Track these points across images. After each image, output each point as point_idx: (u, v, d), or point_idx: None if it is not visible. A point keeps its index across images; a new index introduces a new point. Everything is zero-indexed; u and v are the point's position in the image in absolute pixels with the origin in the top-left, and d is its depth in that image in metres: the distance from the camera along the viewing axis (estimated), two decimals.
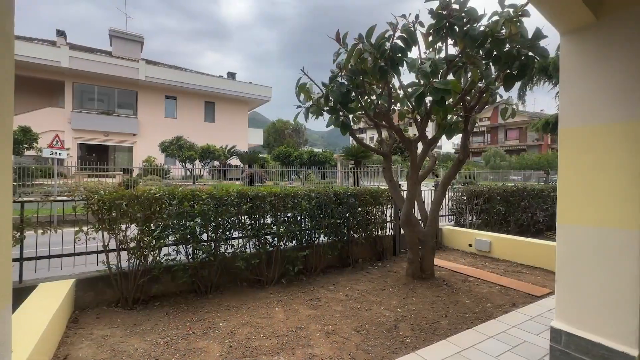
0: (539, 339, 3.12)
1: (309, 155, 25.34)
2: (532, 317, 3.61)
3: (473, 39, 3.55)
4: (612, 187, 1.79)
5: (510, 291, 4.46)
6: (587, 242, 1.86)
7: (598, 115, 1.86)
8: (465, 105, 4.54)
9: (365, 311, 3.76)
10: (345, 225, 5.44)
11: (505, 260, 6.03)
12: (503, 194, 7.87)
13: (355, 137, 4.96)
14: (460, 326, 3.41)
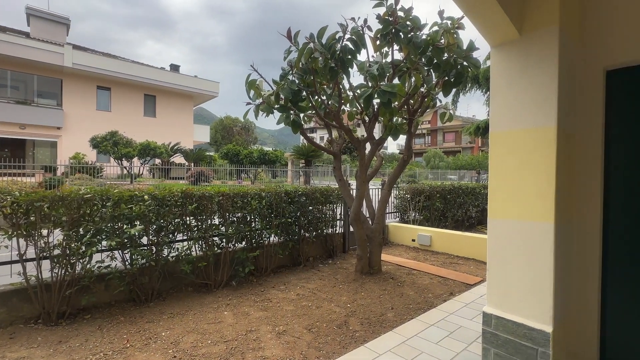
0: (473, 323, 3.44)
1: (259, 154, 24.87)
2: (467, 304, 3.96)
3: (416, 46, 3.77)
4: (531, 185, 2.03)
5: (448, 281, 4.84)
6: (512, 235, 2.09)
7: (520, 121, 2.10)
8: (409, 108, 4.81)
9: (317, 309, 3.79)
10: (296, 224, 5.44)
11: (444, 252, 6.53)
12: (442, 192, 8.52)
13: (306, 136, 4.98)
14: (405, 317, 3.61)
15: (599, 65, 2.24)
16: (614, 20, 2.17)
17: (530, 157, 2.04)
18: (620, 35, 2.15)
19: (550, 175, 1.95)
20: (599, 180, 2.25)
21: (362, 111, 4.69)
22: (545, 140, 1.97)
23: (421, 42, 3.81)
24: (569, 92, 2.15)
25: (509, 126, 2.17)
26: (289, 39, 3.90)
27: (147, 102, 26.53)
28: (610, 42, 2.19)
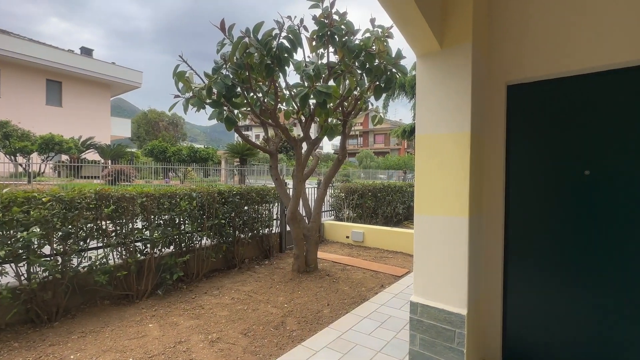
0: (401, 312, 3.71)
1: (189, 152, 23.30)
2: (396, 295, 4.26)
3: (350, 50, 3.92)
4: (451, 183, 2.27)
5: (379, 274, 5.14)
6: (435, 229, 2.31)
7: (441, 125, 2.33)
8: (344, 110, 4.98)
9: (253, 312, 3.69)
10: (230, 225, 5.22)
11: (375, 247, 6.92)
12: (373, 190, 9.02)
13: (241, 134, 4.81)
14: (341, 312, 3.73)
15: (502, 79, 2.60)
16: (511, 44, 2.54)
17: (450, 159, 2.27)
18: (516, 56, 2.52)
19: (465, 175, 2.19)
20: (502, 180, 2.61)
21: (298, 111, 4.70)
22: (461, 144, 2.22)
23: (355, 46, 3.97)
24: (480, 101, 2.45)
25: (432, 130, 2.38)
26: (222, 31, 3.72)
27: (50, 89, 22.80)
28: (509, 61, 2.55)
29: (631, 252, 2.14)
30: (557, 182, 2.42)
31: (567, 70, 2.32)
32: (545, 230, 2.46)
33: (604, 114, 2.25)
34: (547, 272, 2.45)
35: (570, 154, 2.37)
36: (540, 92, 2.49)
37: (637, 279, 2.12)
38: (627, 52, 2.11)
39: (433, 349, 2.25)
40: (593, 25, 2.21)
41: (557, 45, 2.35)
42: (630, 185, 2.15)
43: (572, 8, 2.29)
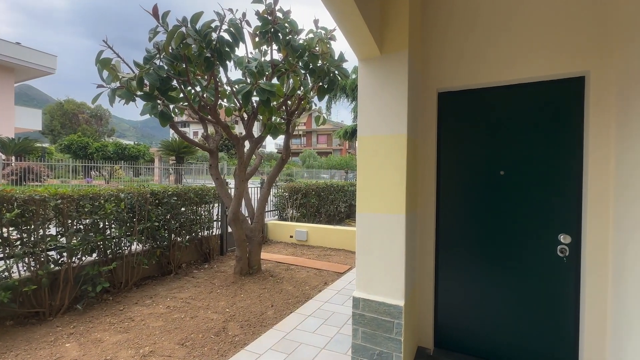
0: (344, 307, 3.81)
1: (116, 148, 21.09)
2: (339, 291, 4.37)
3: (294, 49, 3.91)
4: (389, 182, 2.39)
5: (323, 272, 5.22)
6: (376, 226, 2.42)
7: (381, 127, 2.44)
8: (288, 109, 4.96)
9: (191, 320, 3.47)
10: (165, 228, 4.85)
11: (319, 246, 7.02)
12: (316, 189, 9.15)
13: (178, 130, 4.49)
14: (285, 312, 3.71)
15: (433, 87, 2.83)
16: (440, 56, 2.78)
17: (388, 159, 2.40)
18: (444, 67, 2.77)
19: (402, 175, 2.34)
20: (434, 179, 2.84)
21: (240, 108, 4.55)
22: (399, 145, 2.35)
23: (299, 46, 3.97)
24: (415, 106, 2.63)
25: (372, 132, 2.48)
26: (155, 18, 3.43)
27: None
28: (439, 70, 2.79)
29: (534, 239, 2.50)
30: (479, 181, 2.71)
31: (484, 82, 2.62)
32: (468, 225, 2.74)
33: (514, 122, 2.59)
34: (469, 262, 2.73)
35: (488, 156, 2.67)
36: (464, 100, 2.77)
37: (536, 265, 2.48)
38: (523, 71, 2.46)
39: (374, 341, 2.35)
40: (500, 49, 2.54)
41: (475, 61, 2.64)
42: (534, 184, 2.51)
43: (485, 35, 2.60)
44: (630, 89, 1.96)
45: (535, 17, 2.46)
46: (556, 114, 2.46)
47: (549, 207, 2.47)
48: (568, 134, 2.42)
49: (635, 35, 1.93)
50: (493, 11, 2.61)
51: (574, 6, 2.34)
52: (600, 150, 2.27)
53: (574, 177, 2.40)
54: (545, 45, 2.42)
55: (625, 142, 2.03)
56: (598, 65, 2.28)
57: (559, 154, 2.45)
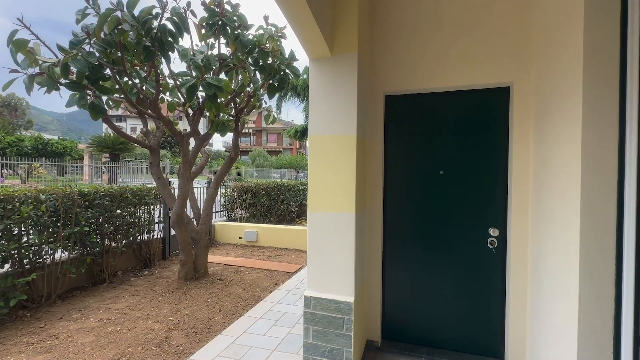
0: (295, 307, 3.80)
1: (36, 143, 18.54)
2: (290, 291, 4.35)
3: (244, 45, 3.79)
4: (340, 182, 2.44)
5: (273, 273, 5.15)
6: (327, 225, 2.44)
7: (332, 127, 2.48)
8: (236, 106, 4.80)
9: (128, 332, 3.18)
10: (97, 233, 4.39)
11: (269, 246, 6.92)
12: (267, 189, 9.00)
13: (112, 125, 4.09)
14: (234, 316, 3.58)
15: (380, 89, 2.95)
16: (386, 60, 2.91)
17: (339, 159, 2.44)
18: (390, 71, 2.90)
19: (352, 174, 2.39)
20: (381, 178, 2.96)
21: (185, 103, 4.29)
22: (349, 145, 2.41)
23: (248, 41, 3.85)
24: (364, 107, 2.71)
25: (323, 131, 2.51)
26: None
27: None
28: (385, 74, 2.92)
29: (469, 233, 2.74)
30: (421, 180, 2.89)
31: (426, 87, 2.80)
32: (411, 221, 2.91)
33: (452, 125, 2.80)
34: (413, 257, 2.90)
35: (430, 157, 2.86)
36: (408, 104, 2.93)
37: (470, 256, 2.73)
38: (460, 79, 2.69)
39: (325, 338, 2.38)
40: (438, 59, 2.74)
41: (416, 68, 2.81)
42: (469, 182, 2.75)
43: (424, 46, 2.78)
44: (544, 100, 2.24)
45: (469, 35, 2.69)
46: (487, 119, 2.72)
47: (482, 204, 2.72)
48: (497, 137, 2.69)
49: (541, 57, 2.21)
50: (432, 25, 2.80)
51: (501, 29, 2.61)
52: (522, 152, 2.56)
53: (501, 177, 2.68)
54: (478, 59, 2.66)
55: (540, 146, 2.31)
56: (519, 78, 2.56)
57: (490, 156, 2.71)
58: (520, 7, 2.57)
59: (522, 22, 2.56)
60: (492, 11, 2.64)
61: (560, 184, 2.00)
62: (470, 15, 2.70)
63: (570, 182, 1.87)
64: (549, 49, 2.19)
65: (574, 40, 1.85)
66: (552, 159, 2.13)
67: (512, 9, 2.59)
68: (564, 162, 1.94)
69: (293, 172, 28.08)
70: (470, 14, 2.70)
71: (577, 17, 1.82)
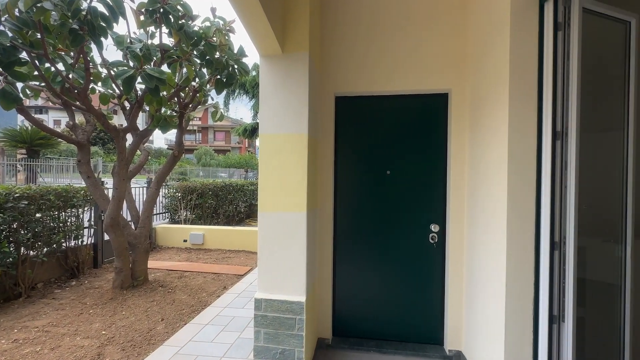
0: (245, 310, 3.69)
1: None
2: (239, 294, 4.21)
3: (189, 36, 3.57)
4: (291, 181, 2.42)
5: (221, 276, 4.95)
6: (278, 225, 2.41)
7: (283, 126, 2.45)
8: (181, 101, 4.51)
9: (52, 351, 2.81)
10: (11, 240, 3.81)
11: (217, 249, 6.63)
12: (214, 189, 8.62)
13: (30, 116, 3.57)
14: (178, 324, 3.36)
15: (331, 90, 2.99)
16: (337, 62, 2.96)
17: (290, 158, 2.42)
18: (340, 72, 2.96)
19: (304, 174, 2.39)
20: (332, 177, 3.01)
21: (121, 95, 3.92)
22: (300, 144, 2.40)
23: (194, 33, 3.64)
24: (315, 106, 2.73)
25: (274, 130, 2.46)
26: None
27: None
28: (336, 75, 2.97)
29: (413, 229, 2.91)
30: (370, 179, 2.99)
31: (374, 90, 2.91)
32: (361, 219, 3.00)
33: (398, 127, 2.95)
34: (362, 253, 3.00)
35: (377, 157, 2.98)
36: (357, 105, 3.01)
37: (414, 251, 2.90)
38: (405, 84, 2.84)
39: (276, 340, 2.34)
40: (384, 65, 2.87)
41: (364, 71, 2.91)
42: (413, 182, 2.91)
43: (368, 52, 2.89)
44: (477, 107, 2.47)
45: (408, 43, 2.86)
46: (429, 122, 2.91)
47: (424, 201, 2.91)
48: (438, 140, 2.89)
49: (476, 69, 2.44)
50: (372, 31, 2.91)
51: (441, 40, 2.81)
52: (458, 154, 2.79)
53: (441, 176, 2.88)
54: (422, 66, 2.84)
55: (474, 149, 2.54)
56: (457, 85, 2.79)
57: (431, 157, 2.90)
58: (458, 23, 2.79)
59: (460, 37, 2.79)
60: (431, 25, 2.83)
61: (490, 183, 2.21)
62: (408, 24, 2.86)
63: (499, 182, 2.07)
64: (482, 62, 2.41)
65: (502, 56, 2.06)
66: (484, 161, 2.35)
67: (450, 24, 2.80)
68: (494, 164, 2.16)
69: (242, 172, 27.31)
70: (408, 24, 2.86)
71: (504, 35, 2.02)
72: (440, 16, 2.82)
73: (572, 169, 1.84)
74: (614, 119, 2.09)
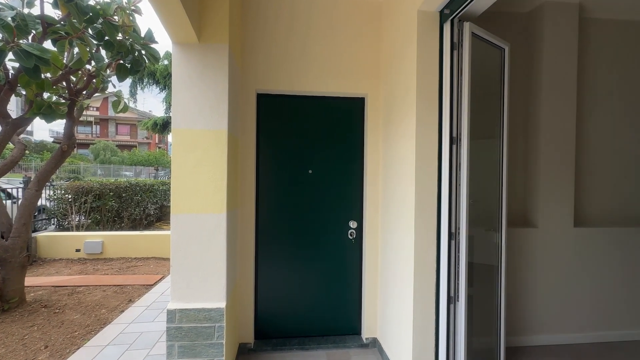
0: (155, 324, 3.33)
1: None
2: (148, 306, 3.78)
3: (81, 10, 3.05)
4: (209, 180, 2.26)
5: (126, 288, 4.38)
6: (194, 228, 2.23)
7: (200, 121, 2.27)
8: (71, 86, 3.83)
9: None
10: None
11: (120, 258, 5.85)
12: (116, 189, 7.59)
13: None
14: (69, 350, 2.85)
15: (253, 86, 2.90)
16: (258, 58, 2.90)
17: (208, 155, 2.26)
18: (262, 70, 2.90)
19: (223, 172, 2.26)
20: (254, 176, 2.92)
21: None
22: (219, 141, 2.26)
23: (89, 8, 3.13)
24: (236, 102, 2.61)
25: (190, 125, 2.27)
26: None
27: None
28: (257, 72, 2.90)
29: (333, 226, 3.03)
30: (292, 178, 3.00)
31: (296, 90, 2.93)
32: (283, 219, 3.00)
33: (319, 127, 3.03)
34: (285, 253, 3.00)
35: (299, 156, 3.01)
36: (280, 103, 2.99)
37: (335, 247, 3.03)
38: (328, 85, 2.95)
39: (193, 352, 2.17)
40: (294, 65, 2.93)
41: (287, 71, 2.92)
42: (334, 180, 3.03)
43: (283, 50, 2.92)
44: (390, 112, 2.69)
45: (333, 49, 2.96)
46: (348, 124, 3.06)
47: (344, 199, 3.04)
48: (356, 141, 3.06)
49: (388, 77, 2.66)
50: (290, 30, 2.95)
51: (359, 48, 2.98)
52: (373, 154, 3.00)
53: (359, 175, 3.06)
54: (342, 70, 2.97)
55: (387, 150, 2.76)
56: (373, 91, 2.99)
57: (350, 157, 3.06)
58: (374, 34, 2.99)
59: (376, 46, 3.00)
60: (350, 33, 2.98)
61: (401, 181, 2.44)
62: (329, 29, 2.97)
63: (408, 180, 2.29)
64: (394, 72, 2.63)
65: (410, 68, 2.28)
66: (395, 161, 2.57)
67: (368, 34, 2.99)
68: (404, 165, 2.38)
69: (151, 170, 24.67)
70: (329, 29, 2.97)
71: (412, 50, 2.24)
72: (360, 26, 2.99)
73: (464, 170, 2.14)
74: (494, 128, 2.51)
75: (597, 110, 3.25)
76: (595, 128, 3.25)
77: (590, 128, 3.24)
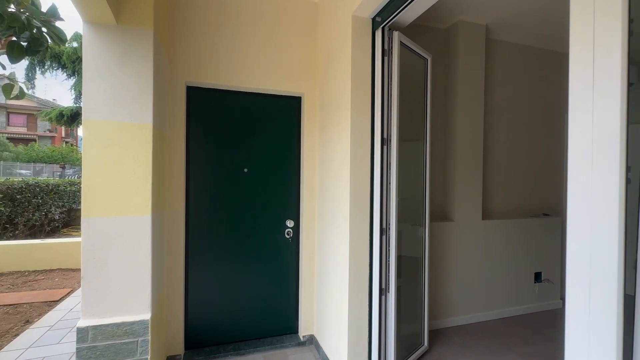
0: (61, 346, 2.88)
1: None
2: (52, 326, 3.25)
3: None
4: (131, 179, 2.03)
5: (21, 307, 3.70)
6: (112, 232, 1.97)
7: (119, 113, 2.02)
8: None
9: None
10: None
11: (13, 272, 4.93)
12: (7, 191, 6.38)
13: None
14: None
15: (182, 78, 2.69)
16: (187, 48, 2.71)
17: (130, 151, 2.03)
18: (193, 61, 2.71)
19: (148, 170, 2.05)
20: (183, 174, 2.72)
21: None
22: (143, 136, 2.05)
23: None
24: (162, 94, 2.39)
25: (106, 116, 2.01)
26: None
27: None
28: (188, 63, 2.70)
29: (270, 226, 2.98)
30: (226, 177, 2.87)
31: (231, 85, 2.82)
32: (216, 220, 2.85)
33: (256, 125, 2.95)
34: (218, 256, 2.85)
35: (234, 154, 2.89)
36: (213, 98, 2.84)
37: (272, 247, 2.99)
38: (265, 83, 2.90)
39: None
40: (227, 58, 2.84)
41: (220, 64, 2.79)
42: (271, 180, 2.98)
43: (214, 43, 2.81)
44: (326, 113, 2.75)
45: (268, 45, 2.91)
46: (285, 122, 3.04)
47: (281, 198, 3.01)
48: (293, 139, 3.05)
49: (324, 78, 2.73)
50: (220, 22, 2.84)
51: (295, 46, 2.98)
52: (309, 153, 3.03)
53: (296, 174, 3.06)
54: (278, 68, 2.93)
55: (323, 149, 2.82)
56: (309, 90, 3.02)
57: (287, 155, 3.04)
58: (310, 34, 3.02)
59: (312, 46, 3.03)
60: (285, 30, 2.97)
61: (336, 180, 2.50)
62: (262, 23, 2.92)
63: (343, 179, 2.37)
64: (329, 73, 2.69)
65: (344, 71, 2.35)
66: (330, 161, 2.63)
67: (304, 34, 3.01)
68: (339, 164, 2.45)
69: (56, 168, 21.33)
70: (262, 23, 2.92)
71: (346, 53, 2.32)
72: (296, 24, 2.99)
73: (394, 169, 2.29)
74: (419, 131, 2.74)
75: (499, 119, 3.77)
76: (499, 134, 3.77)
77: (494, 134, 3.74)
